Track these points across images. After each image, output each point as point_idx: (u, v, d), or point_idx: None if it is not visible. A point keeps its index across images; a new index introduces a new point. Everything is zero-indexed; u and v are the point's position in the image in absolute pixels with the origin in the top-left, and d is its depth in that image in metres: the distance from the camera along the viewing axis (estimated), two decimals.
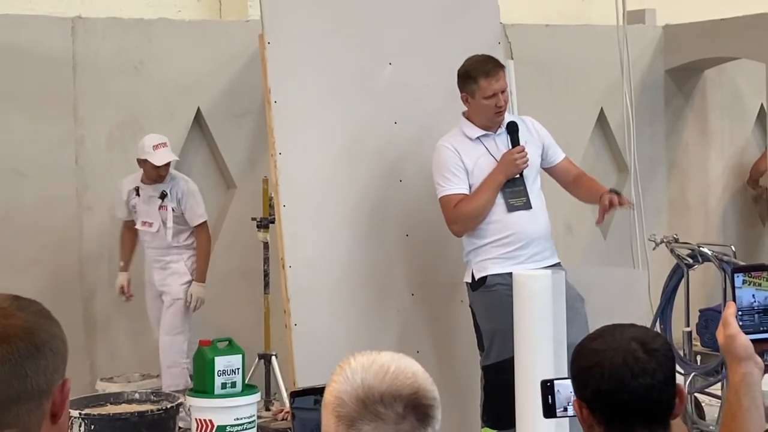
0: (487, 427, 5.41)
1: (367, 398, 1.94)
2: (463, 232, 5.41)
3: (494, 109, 5.34)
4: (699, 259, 5.91)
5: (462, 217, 5.36)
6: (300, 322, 5.49)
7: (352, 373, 1.98)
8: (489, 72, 5.32)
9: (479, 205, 5.33)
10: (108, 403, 5.89)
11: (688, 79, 8.76)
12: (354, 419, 1.94)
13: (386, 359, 2.00)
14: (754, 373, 2.39)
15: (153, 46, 7.10)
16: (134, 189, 6.69)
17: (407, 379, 1.97)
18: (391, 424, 1.93)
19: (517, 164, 5.34)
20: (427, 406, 1.96)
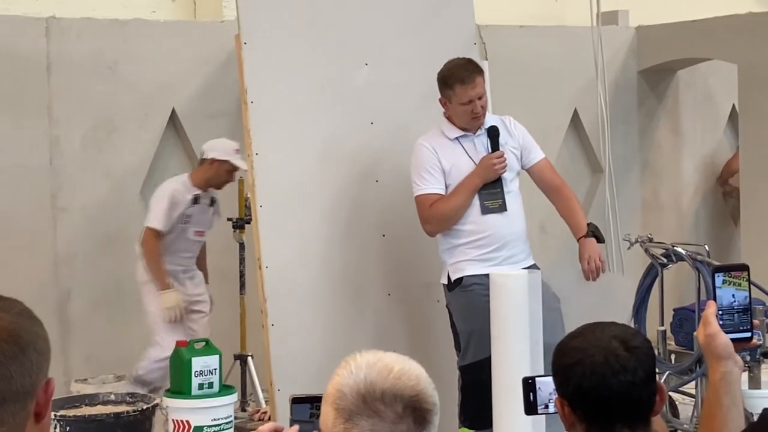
0: (464, 427, 5.42)
1: (368, 394, 1.95)
2: (436, 232, 5.43)
3: (470, 114, 5.36)
4: (673, 259, 5.95)
5: (436, 218, 5.37)
6: (277, 322, 5.49)
7: (356, 368, 1.99)
8: (465, 79, 5.33)
9: (454, 207, 5.34)
10: (83, 404, 5.86)
11: (660, 80, 8.81)
12: (352, 413, 1.95)
13: (392, 359, 2.02)
14: (733, 372, 2.41)
15: (128, 46, 7.08)
16: (194, 197, 6.43)
17: (410, 380, 1.98)
18: (388, 423, 1.94)
19: (495, 169, 5.36)
20: (426, 410, 1.97)
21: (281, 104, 5.66)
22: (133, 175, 7.13)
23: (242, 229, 6.75)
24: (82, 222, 7.00)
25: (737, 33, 8.01)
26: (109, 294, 6.87)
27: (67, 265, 6.97)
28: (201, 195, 6.47)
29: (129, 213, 7.08)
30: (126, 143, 7.09)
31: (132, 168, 7.13)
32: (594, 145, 8.29)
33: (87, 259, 6.99)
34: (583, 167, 8.59)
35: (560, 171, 8.06)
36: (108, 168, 7.07)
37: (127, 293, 6.94)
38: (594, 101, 7.45)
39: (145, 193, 7.16)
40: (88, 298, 6.98)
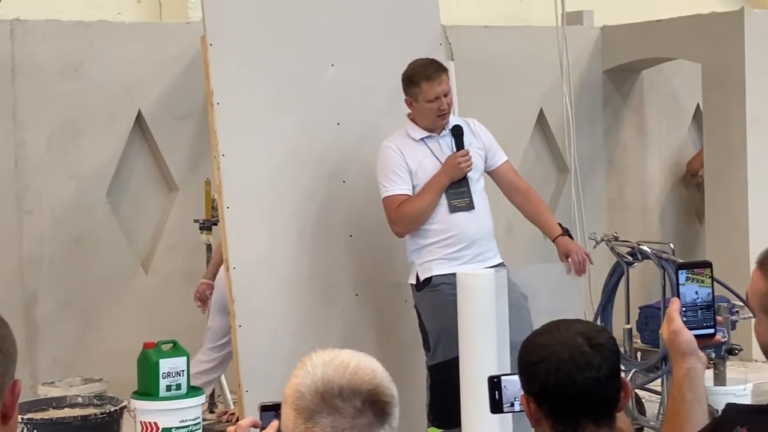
0: (433, 426, 5.44)
1: (326, 392, 1.97)
2: (404, 233, 5.45)
3: (437, 112, 5.38)
4: (639, 257, 5.99)
5: (404, 219, 5.39)
6: (245, 323, 5.49)
7: (312, 367, 2.01)
8: (431, 76, 5.35)
9: (422, 207, 5.36)
10: (50, 407, 5.83)
11: (625, 80, 8.86)
12: (312, 412, 1.96)
13: (347, 356, 2.03)
14: (697, 368, 2.44)
15: (93, 48, 7.05)
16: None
17: (367, 375, 1.99)
18: (348, 418, 1.95)
19: (460, 168, 5.38)
20: (385, 402, 1.99)
21: (248, 105, 5.65)
22: (99, 177, 7.11)
23: (209, 230, 6.74)
24: (48, 224, 6.97)
25: (701, 33, 8.08)
26: (76, 296, 6.84)
27: (33, 268, 6.93)
28: None
29: (95, 215, 7.06)
30: (92, 145, 7.07)
31: (98, 170, 7.11)
32: (560, 145, 8.33)
33: (53, 261, 6.96)
34: (549, 167, 8.63)
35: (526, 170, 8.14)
36: (74, 170, 7.04)
37: (95, 295, 6.93)
38: (559, 101, 7.49)
39: (111, 195, 7.14)
40: (54, 301, 6.95)
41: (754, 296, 2.30)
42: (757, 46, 7.85)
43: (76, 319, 6.95)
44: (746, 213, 7.86)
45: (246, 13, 5.73)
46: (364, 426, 1.96)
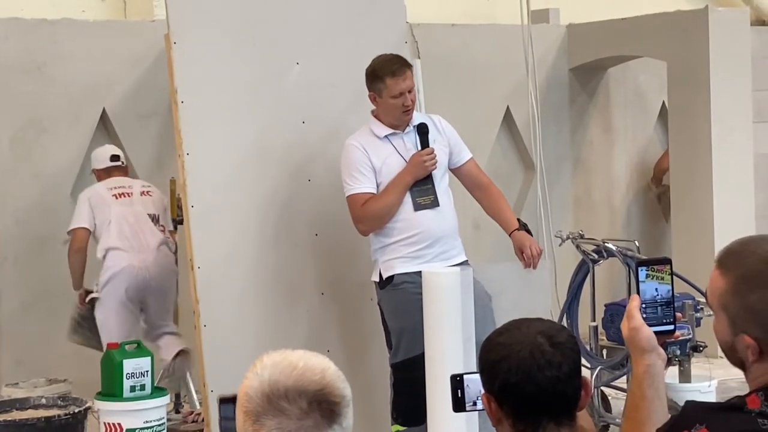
0: (397, 424, 5.43)
1: (272, 393, 1.96)
2: (369, 232, 5.44)
3: (401, 108, 5.37)
4: (604, 255, 6.01)
5: (368, 217, 5.38)
6: (209, 322, 5.46)
7: (261, 369, 2.00)
8: (395, 71, 5.34)
9: (386, 205, 5.35)
10: (14, 409, 5.79)
11: (591, 78, 8.89)
12: (259, 414, 1.96)
13: (297, 357, 2.02)
14: (657, 365, 2.44)
15: (57, 46, 7.01)
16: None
17: (314, 375, 1.98)
18: (294, 419, 1.94)
19: (425, 166, 5.37)
20: (333, 402, 1.97)
21: (212, 104, 5.63)
22: (63, 177, 7.06)
23: (174, 229, 6.70)
24: (11, 224, 6.92)
25: (666, 30, 8.11)
26: (40, 297, 6.79)
27: None
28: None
29: (59, 215, 7.00)
30: (56, 144, 7.02)
31: (62, 169, 7.06)
32: (526, 143, 8.34)
33: (17, 261, 6.91)
34: (516, 165, 8.65)
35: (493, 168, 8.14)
36: (37, 169, 6.99)
37: (58, 296, 6.87)
38: (526, 99, 7.49)
39: (75, 194, 7.09)
40: (18, 301, 6.90)
41: (713, 295, 2.30)
42: (722, 44, 7.89)
43: (40, 319, 6.90)
44: (711, 211, 7.91)
45: (210, 11, 5.70)
46: (310, 427, 1.95)
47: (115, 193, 6.42)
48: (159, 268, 6.38)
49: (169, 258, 6.47)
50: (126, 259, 6.29)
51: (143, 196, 6.50)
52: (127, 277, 6.28)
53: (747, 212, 8.01)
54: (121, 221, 6.35)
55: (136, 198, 6.46)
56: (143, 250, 6.35)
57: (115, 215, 6.34)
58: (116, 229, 6.33)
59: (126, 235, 6.35)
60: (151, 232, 6.42)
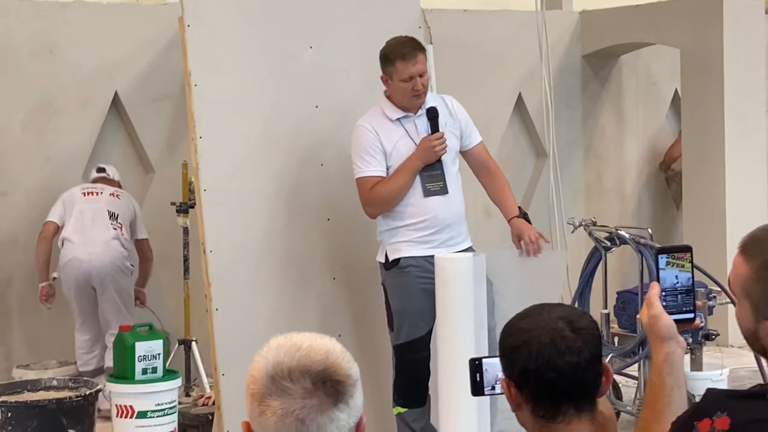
0: (398, 405, 5.43)
1: (276, 374, 1.96)
2: (377, 215, 5.42)
3: (411, 92, 5.35)
4: (616, 242, 5.99)
5: (377, 200, 5.36)
6: (221, 306, 5.46)
7: (267, 352, 2.01)
8: (406, 55, 5.32)
9: (395, 189, 5.34)
10: (25, 390, 5.80)
11: (604, 65, 8.87)
12: (264, 395, 1.96)
13: (302, 338, 2.02)
14: (676, 353, 2.43)
15: (69, 29, 7.00)
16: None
17: (318, 355, 1.98)
18: (298, 399, 1.94)
19: (435, 151, 5.35)
20: (338, 381, 1.97)
21: (225, 87, 5.61)
22: (75, 160, 7.07)
23: (186, 213, 6.71)
24: (23, 207, 6.92)
25: (680, 18, 8.08)
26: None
27: (8, 251, 6.89)
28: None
29: None
30: (67, 127, 7.02)
31: (74, 152, 7.06)
32: (538, 129, 8.32)
33: (28, 244, 6.91)
34: (528, 151, 8.63)
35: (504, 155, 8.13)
36: (49, 152, 7.00)
37: None
38: (538, 86, 7.48)
39: (87, 177, 7.10)
40: (29, 284, 6.90)
41: (736, 281, 2.28)
42: (736, 31, 7.86)
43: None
44: (723, 198, 7.88)
45: None
46: (315, 406, 1.94)
47: (84, 191, 6.73)
48: (106, 260, 6.54)
49: (119, 252, 6.60)
50: (72, 252, 6.53)
51: (111, 197, 6.74)
52: (73, 269, 6.53)
53: (759, 200, 7.99)
54: (81, 216, 6.62)
55: (103, 197, 6.72)
56: (91, 243, 6.56)
57: (77, 210, 6.63)
58: (74, 223, 6.60)
59: (80, 229, 6.60)
60: (105, 227, 6.62)
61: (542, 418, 2.30)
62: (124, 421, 5.51)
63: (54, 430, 5.51)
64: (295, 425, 1.94)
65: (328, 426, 1.95)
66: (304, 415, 1.94)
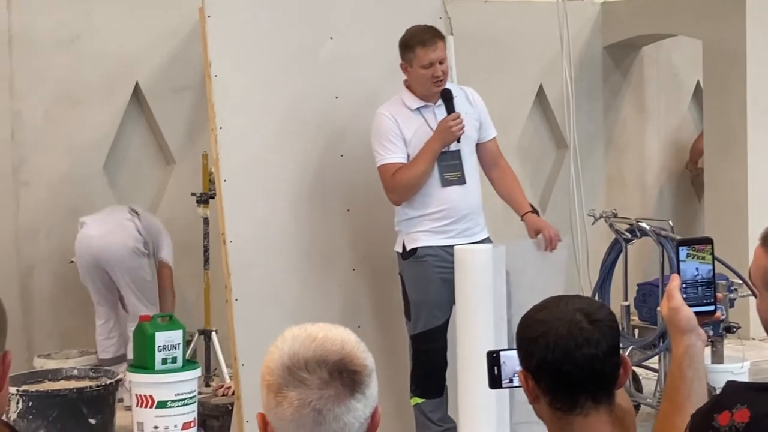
0: (415, 396, 5.43)
1: (292, 365, 1.96)
2: (400, 201, 5.42)
3: (431, 78, 5.35)
4: (637, 234, 5.98)
5: (399, 186, 5.36)
6: (241, 297, 5.47)
7: (282, 343, 2.01)
8: (426, 41, 5.33)
9: (416, 174, 5.34)
10: (46, 379, 5.84)
11: (625, 56, 8.83)
12: (280, 386, 1.96)
13: (317, 329, 2.03)
14: (696, 345, 2.42)
15: (90, 19, 7.01)
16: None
17: (334, 345, 1.99)
18: (315, 389, 1.95)
19: (452, 131, 5.34)
20: (354, 372, 1.97)
21: (245, 78, 5.62)
22: (97, 150, 7.08)
23: (206, 203, 6.72)
24: (44, 196, 6.94)
25: (702, 9, 8.04)
26: (72, 269, 6.81)
27: (29, 240, 6.91)
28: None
29: (92, 188, 7.04)
30: (89, 117, 7.03)
31: (95, 142, 7.08)
32: (559, 121, 8.30)
33: (50, 233, 6.93)
34: (548, 143, 8.61)
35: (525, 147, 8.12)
36: (71, 142, 7.01)
37: None
38: (559, 77, 7.44)
39: (108, 167, 7.12)
40: (51, 273, 6.93)
41: (756, 273, 2.27)
42: (759, 22, 7.81)
43: (72, 291, 6.92)
44: (746, 192, 7.84)
45: None
46: (332, 396, 1.95)
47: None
48: (115, 240, 6.50)
49: (131, 235, 6.56)
50: (84, 231, 6.53)
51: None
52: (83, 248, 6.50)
53: None
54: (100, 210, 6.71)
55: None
56: (103, 223, 6.55)
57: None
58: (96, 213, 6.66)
59: (96, 214, 6.64)
60: (121, 212, 6.66)
61: (560, 411, 2.29)
62: (144, 411, 5.52)
63: (74, 419, 5.54)
64: (312, 416, 1.94)
65: (345, 416, 1.95)
66: (321, 406, 1.94)
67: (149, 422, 5.51)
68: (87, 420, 5.57)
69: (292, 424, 1.95)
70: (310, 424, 1.94)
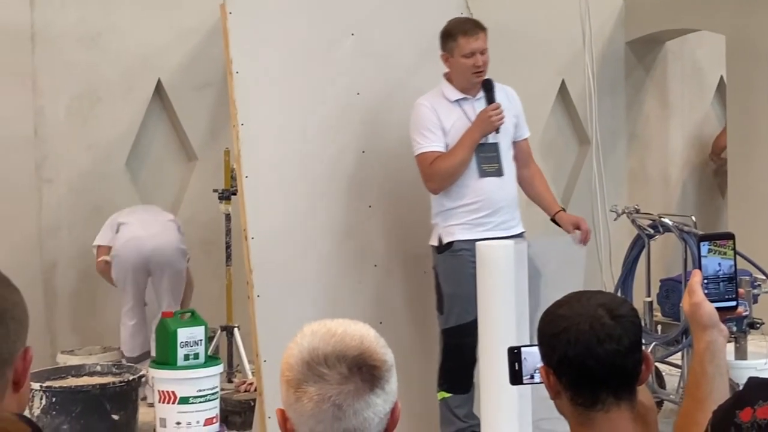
0: (443, 390, 5.42)
1: (311, 360, 1.96)
2: (439, 190, 5.40)
3: (472, 68, 5.36)
4: (660, 230, 5.95)
5: (438, 175, 5.36)
6: (263, 293, 5.48)
7: (301, 338, 2.01)
8: (468, 31, 5.36)
9: (455, 162, 5.33)
10: (69, 375, 5.87)
11: (648, 51, 8.79)
12: (300, 381, 1.96)
13: (336, 324, 2.03)
14: (718, 341, 2.40)
15: (112, 16, 7.03)
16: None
17: (353, 340, 1.98)
18: (334, 384, 1.94)
19: (491, 121, 5.35)
20: (374, 367, 1.97)
21: (267, 74, 5.63)
22: (118, 147, 7.10)
23: (228, 200, 6.73)
24: (66, 193, 6.97)
25: (725, 4, 7.99)
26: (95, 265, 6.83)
27: (52, 237, 6.94)
28: None
29: (114, 184, 7.06)
30: (110, 114, 7.05)
31: (117, 139, 7.10)
32: (581, 117, 8.27)
33: (72, 230, 6.96)
34: (571, 138, 8.58)
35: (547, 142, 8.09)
36: (93, 139, 7.03)
37: None
38: (581, 72, 7.42)
39: (130, 164, 7.14)
40: (73, 270, 6.96)
41: None
42: None
43: (94, 287, 6.95)
44: None
45: None
46: (351, 391, 1.94)
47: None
48: (165, 241, 6.53)
49: (176, 235, 6.59)
50: (132, 231, 6.50)
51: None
52: (132, 249, 6.47)
53: None
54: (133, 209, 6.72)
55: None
56: (148, 224, 6.55)
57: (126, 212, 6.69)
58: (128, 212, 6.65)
59: (135, 213, 6.64)
60: (160, 212, 6.70)
61: (581, 407, 2.28)
62: (167, 407, 5.54)
63: (97, 415, 5.56)
64: (332, 411, 1.94)
65: (365, 411, 1.95)
66: (341, 401, 1.94)
67: (172, 418, 5.52)
68: (110, 416, 5.59)
69: (312, 419, 1.95)
70: (330, 419, 1.94)
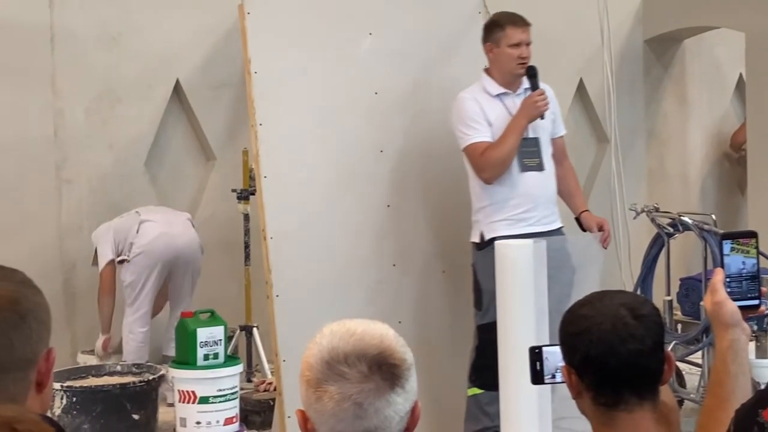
0: (474, 386, 5.41)
1: (331, 359, 1.97)
2: (493, 179, 5.39)
3: (517, 59, 5.38)
4: (679, 228, 5.93)
5: (490, 164, 5.35)
6: (281, 293, 5.48)
7: (321, 338, 2.02)
8: (517, 22, 5.42)
9: (506, 150, 5.33)
10: (89, 375, 5.88)
11: (667, 49, 8.76)
12: (320, 381, 1.96)
13: (356, 324, 2.03)
14: (741, 340, 2.40)
15: (131, 17, 7.04)
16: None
17: (373, 339, 1.99)
18: (355, 383, 1.95)
19: (537, 106, 5.36)
20: (394, 365, 1.97)
21: (285, 74, 5.63)
22: (137, 147, 7.12)
23: (247, 200, 6.74)
24: (86, 194, 6.98)
25: (744, 1, 7.96)
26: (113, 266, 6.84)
27: (72, 237, 6.96)
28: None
29: (133, 185, 7.07)
30: (130, 114, 7.07)
31: (136, 139, 7.12)
32: (600, 115, 8.26)
33: (92, 230, 6.96)
34: (589, 137, 8.56)
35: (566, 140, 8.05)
36: (112, 139, 7.05)
37: None
38: (600, 70, 7.40)
39: (149, 164, 7.15)
40: (93, 270, 6.96)
41: None
42: None
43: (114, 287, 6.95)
44: None
45: None
46: (372, 390, 1.94)
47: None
48: (189, 239, 6.56)
49: (195, 234, 6.62)
50: (159, 228, 6.50)
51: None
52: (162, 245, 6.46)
53: None
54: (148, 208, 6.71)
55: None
56: (171, 223, 6.56)
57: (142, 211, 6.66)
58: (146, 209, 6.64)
59: (155, 211, 6.65)
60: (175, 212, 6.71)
61: (603, 406, 2.28)
62: (187, 407, 5.55)
63: (118, 414, 5.58)
64: (352, 409, 1.94)
65: (386, 410, 1.95)
66: (362, 399, 1.94)
67: (192, 418, 5.54)
68: (130, 415, 5.61)
69: (333, 418, 1.95)
70: (351, 418, 1.95)
